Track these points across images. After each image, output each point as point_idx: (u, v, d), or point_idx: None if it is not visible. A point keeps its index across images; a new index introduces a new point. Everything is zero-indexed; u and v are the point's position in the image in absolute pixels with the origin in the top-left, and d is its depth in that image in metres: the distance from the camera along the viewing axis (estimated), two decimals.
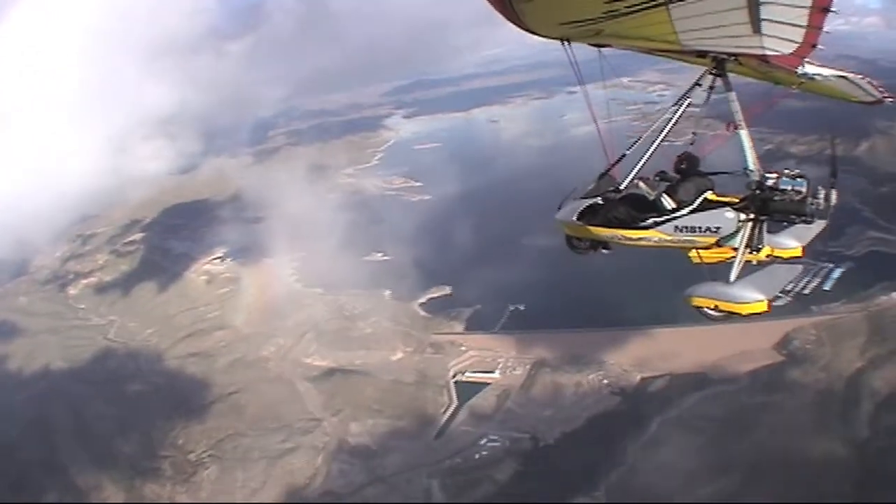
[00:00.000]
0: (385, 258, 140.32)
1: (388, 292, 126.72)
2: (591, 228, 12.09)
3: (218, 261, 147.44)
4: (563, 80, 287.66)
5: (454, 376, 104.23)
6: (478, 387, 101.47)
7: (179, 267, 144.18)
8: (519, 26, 7.87)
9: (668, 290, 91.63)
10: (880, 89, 12.00)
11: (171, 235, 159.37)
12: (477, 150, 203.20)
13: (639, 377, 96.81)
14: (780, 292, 11.55)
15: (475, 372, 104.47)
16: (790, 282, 11.48)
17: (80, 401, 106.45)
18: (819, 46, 7.82)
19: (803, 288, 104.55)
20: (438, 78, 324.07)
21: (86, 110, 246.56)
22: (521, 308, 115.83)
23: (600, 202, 11.88)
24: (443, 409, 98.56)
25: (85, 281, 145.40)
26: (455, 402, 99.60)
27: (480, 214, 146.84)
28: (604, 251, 12.70)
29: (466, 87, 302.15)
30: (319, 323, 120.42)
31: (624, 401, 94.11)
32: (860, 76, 11.43)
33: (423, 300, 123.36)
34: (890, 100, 12.67)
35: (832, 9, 6.53)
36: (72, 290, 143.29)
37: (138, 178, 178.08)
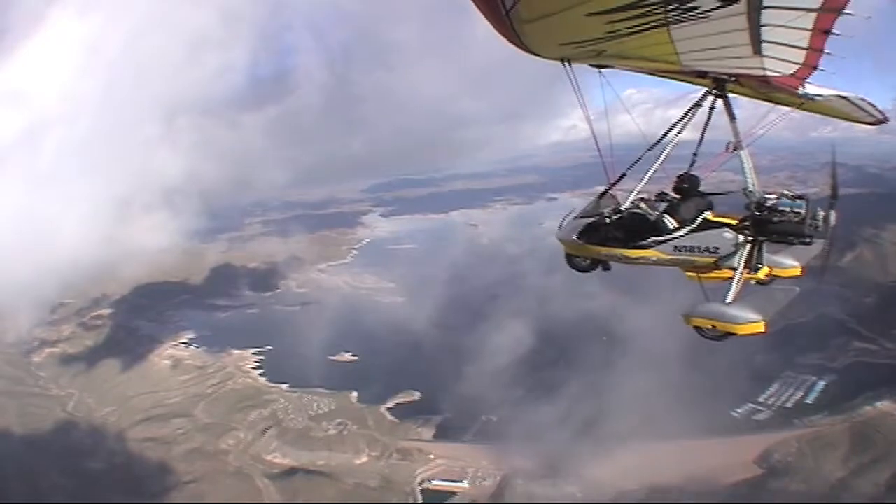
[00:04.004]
0: (353, 358, 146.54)
1: (354, 394, 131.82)
2: (592, 247, 12.66)
3: (183, 346, 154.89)
4: (542, 187, 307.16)
5: (421, 483, 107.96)
6: (445, 495, 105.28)
7: (144, 349, 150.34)
8: (519, 47, 8.16)
9: (649, 403, 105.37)
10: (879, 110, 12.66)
11: (138, 315, 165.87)
12: (453, 254, 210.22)
13: (614, 490, 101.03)
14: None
15: (443, 480, 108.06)
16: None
17: (35, 469, 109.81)
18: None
19: (785, 401, 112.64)
20: (420, 178, 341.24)
21: (92, 167, 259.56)
22: (494, 419, 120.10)
23: (601, 221, 12.40)
24: None
25: (49, 350, 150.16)
26: None
27: (454, 320, 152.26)
28: (604, 270, 13.22)
29: (447, 188, 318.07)
30: (282, 420, 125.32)
31: None
32: (860, 97, 11.94)
33: (390, 404, 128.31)
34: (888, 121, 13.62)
35: (834, 31, 6.71)
36: (35, 358, 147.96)
37: (130, 251, 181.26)
